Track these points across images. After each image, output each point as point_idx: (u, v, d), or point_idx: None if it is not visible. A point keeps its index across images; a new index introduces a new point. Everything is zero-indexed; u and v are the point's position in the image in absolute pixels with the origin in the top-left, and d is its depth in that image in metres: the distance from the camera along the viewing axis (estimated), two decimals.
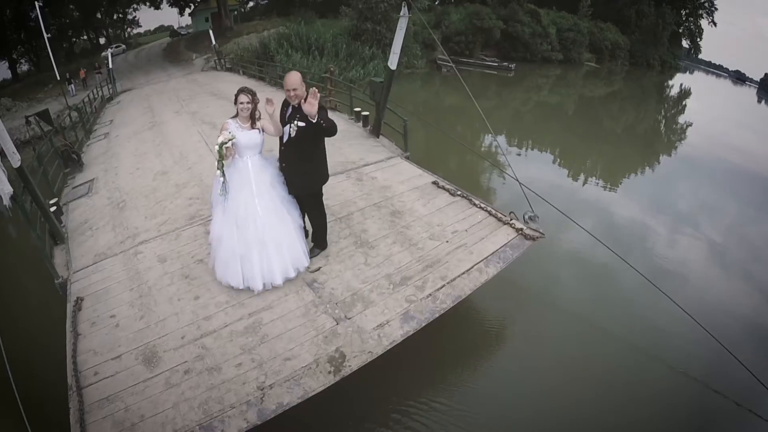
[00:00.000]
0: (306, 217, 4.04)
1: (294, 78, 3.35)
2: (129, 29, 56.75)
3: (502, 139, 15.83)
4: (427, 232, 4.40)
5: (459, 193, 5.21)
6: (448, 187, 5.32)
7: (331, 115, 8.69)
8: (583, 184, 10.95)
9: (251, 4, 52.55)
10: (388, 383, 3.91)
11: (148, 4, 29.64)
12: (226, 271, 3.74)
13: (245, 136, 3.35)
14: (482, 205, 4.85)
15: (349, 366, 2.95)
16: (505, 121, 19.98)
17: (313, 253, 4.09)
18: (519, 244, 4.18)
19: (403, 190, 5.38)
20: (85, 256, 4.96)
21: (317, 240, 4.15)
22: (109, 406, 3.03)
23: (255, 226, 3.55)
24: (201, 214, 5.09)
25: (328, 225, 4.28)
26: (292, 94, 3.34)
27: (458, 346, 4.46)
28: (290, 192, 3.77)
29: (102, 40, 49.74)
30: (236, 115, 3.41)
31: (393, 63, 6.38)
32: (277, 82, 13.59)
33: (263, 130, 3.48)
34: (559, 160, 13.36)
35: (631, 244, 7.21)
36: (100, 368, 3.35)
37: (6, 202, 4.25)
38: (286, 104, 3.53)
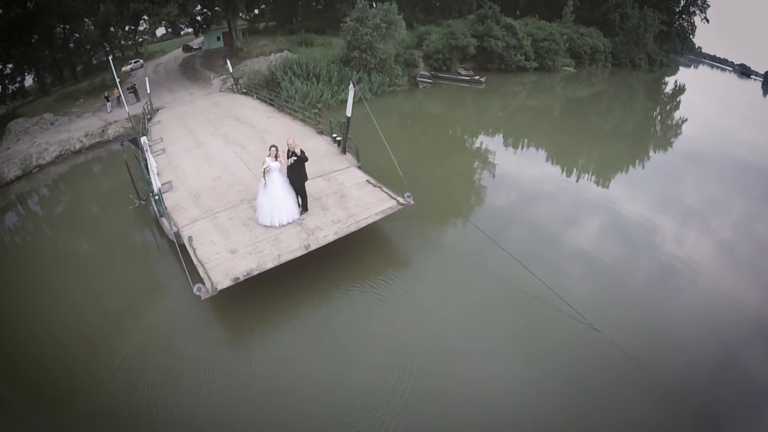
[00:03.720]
0: (299, 197, 9.44)
1: (290, 140, 8.77)
2: (140, 39, 62.52)
3: (496, 140, 21.13)
4: (354, 203, 9.78)
5: (378, 185, 10.55)
6: (372, 182, 10.69)
7: (318, 137, 14.69)
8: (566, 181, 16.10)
9: (256, 11, 58.17)
10: (341, 271, 9.30)
11: (170, 30, 35.08)
12: (263, 219, 9.15)
13: (273, 164, 8.75)
14: (386, 191, 10.19)
15: (311, 247, 8.36)
16: (484, 125, 24.85)
17: (301, 213, 9.47)
18: (395, 207, 9.54)
19: (350, 185, 10.75)
20: (184, 220, 10.31)
21: (304, 206, 9.56)
22: (218, 266, 8.38)
23: (276, 201, 8.94)
24: (247, 199, 10.47)
25: (309, 201, 9.66)
26: (288, 146, 8.76)
27: (379, 263, 9.81)
28: (291, 185, 9.16)
29: (115, 52, 55.12)
30: (269, 155, 8.80)
31: (348, 113, 11.74)
32: (282, 108, 18.88)
33: (281, 162, 8.88)
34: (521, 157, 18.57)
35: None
36: (209, 258, 8.71)
37: (156, 188, 9.73)
38: (288, 150, 8.95)
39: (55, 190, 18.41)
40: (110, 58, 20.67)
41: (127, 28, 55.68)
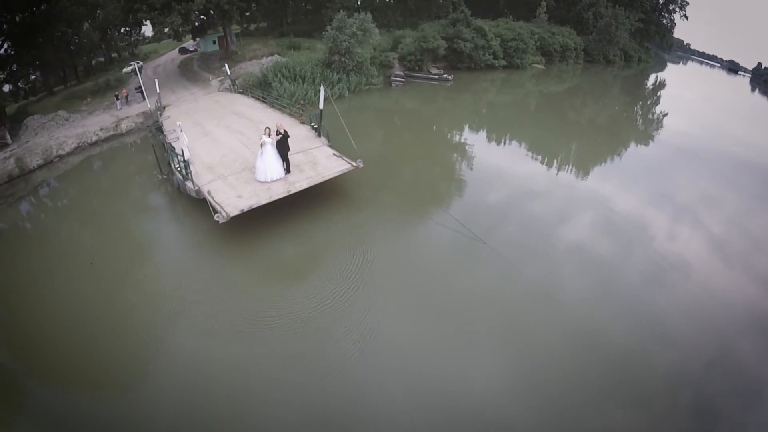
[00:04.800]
0: (285, 163, 14.52)
1: (278, 123, 13.89)
2: (133, 39, 67.03)
3: (452, 126, 26.13)
4: (322, 166, 14.86)
5: (340, 156, 15.64)
6: (337, 154, 15.78)
7: (300, 126, 20.77)
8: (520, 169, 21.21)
9: (247, 12, 62.97)
10: (317, 213, 14.39)
11: (172, 36, 39.75)
12: (259, 176, 14.22)
13: (267, 140, 13.79)
14: (345, 158, 15.27)
15: (291, 191, 13.43)
16: (444, 115, 29.87)
17: (286, 173, 14.52)
18: (349, 168, 14.64)
19: (321, 156, 15.81)
20: (203, 181, 15.27)
21: (287, 169, 14.58)
22: (230, 204, 13.34)
23: (269, 163, 14.02)
24: (248, 168, 15.46)
25: (291, 166, 14.71)
26: (277, 127, 13.87)
27: (341, 210, 14.87)
28: (279, 154, 14.23)
29: (112, 54, 59.47)
30: (264, 133, 13.86)
31: (321, 107, 16.84)
32: (273, 105, 23.93)
33: (272, 138, 13.96)
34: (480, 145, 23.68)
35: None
36: (223, 200, 13.66)
37: (186, 157, 14.80)
38: (277, 130, 14.05)
39: (75, 175, 22.02)
40: (136, 63, 25.63)
41: (123, 30, 59.53)
